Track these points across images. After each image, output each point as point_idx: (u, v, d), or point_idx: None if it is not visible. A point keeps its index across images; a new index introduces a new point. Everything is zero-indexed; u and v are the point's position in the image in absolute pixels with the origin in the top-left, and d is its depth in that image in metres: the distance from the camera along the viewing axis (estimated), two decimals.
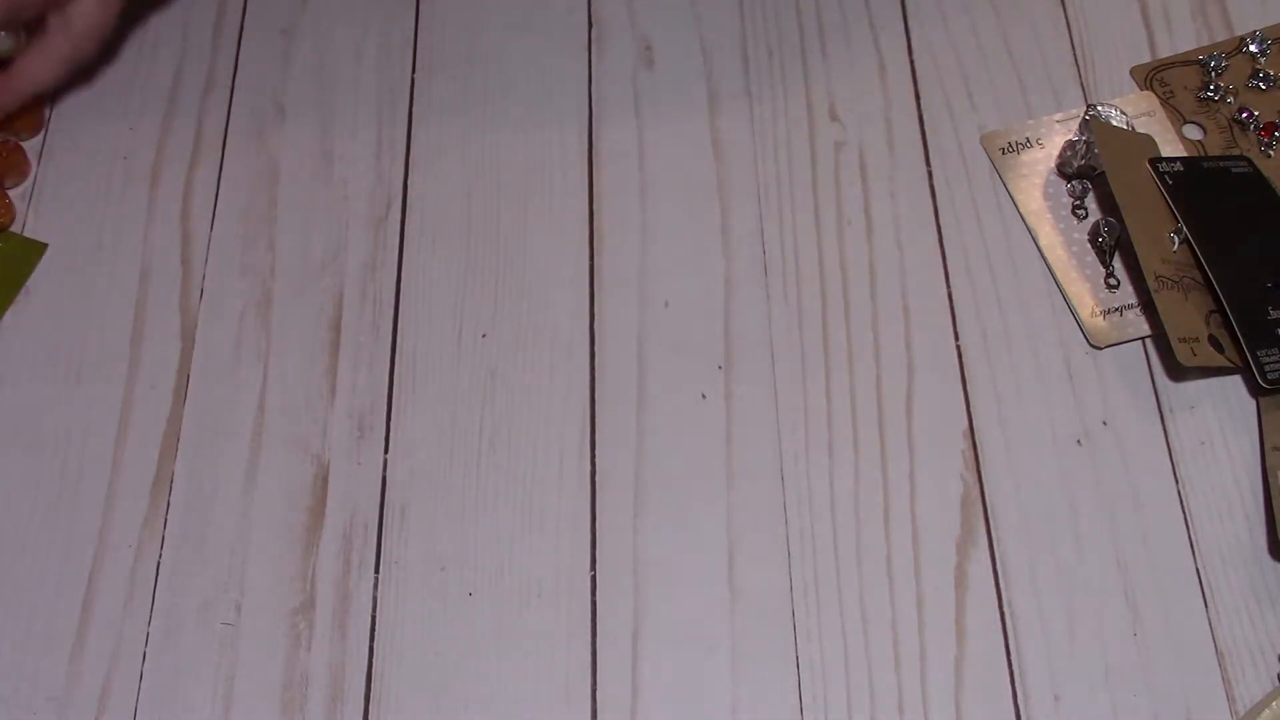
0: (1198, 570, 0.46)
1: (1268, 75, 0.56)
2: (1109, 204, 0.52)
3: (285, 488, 0.48)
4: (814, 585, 0.46)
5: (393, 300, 0.52)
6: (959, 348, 0.51)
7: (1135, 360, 0.50)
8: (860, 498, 0.48)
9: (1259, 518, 0.47)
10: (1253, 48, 0.56)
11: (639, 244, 0.53)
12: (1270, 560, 0.46)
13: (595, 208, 0.54)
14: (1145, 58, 0.57)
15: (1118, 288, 0.51)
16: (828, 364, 0.50)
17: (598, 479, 0.48)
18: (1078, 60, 0.57)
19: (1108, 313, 0.51)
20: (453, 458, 0.49)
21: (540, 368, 0.50)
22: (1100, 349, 0.50)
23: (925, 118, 0.56)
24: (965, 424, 0.49)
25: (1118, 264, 0.52)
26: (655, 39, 0.58)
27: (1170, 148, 0.54)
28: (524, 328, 0.51)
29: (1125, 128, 0.54)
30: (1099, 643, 0.45)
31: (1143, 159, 0.52)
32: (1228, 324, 0.49)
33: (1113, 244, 0.52)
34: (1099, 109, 0.54)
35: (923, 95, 0.56)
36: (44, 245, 0.53)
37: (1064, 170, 0.54)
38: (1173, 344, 0.48)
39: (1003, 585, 0.46)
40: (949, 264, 0.52)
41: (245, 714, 0.45)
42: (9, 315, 0.52)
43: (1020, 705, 0.44)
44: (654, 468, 0.48)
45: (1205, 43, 0.57)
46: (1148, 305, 0.51)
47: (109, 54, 0.58)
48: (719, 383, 0.50)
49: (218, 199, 0.55)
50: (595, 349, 0.51)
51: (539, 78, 0.57)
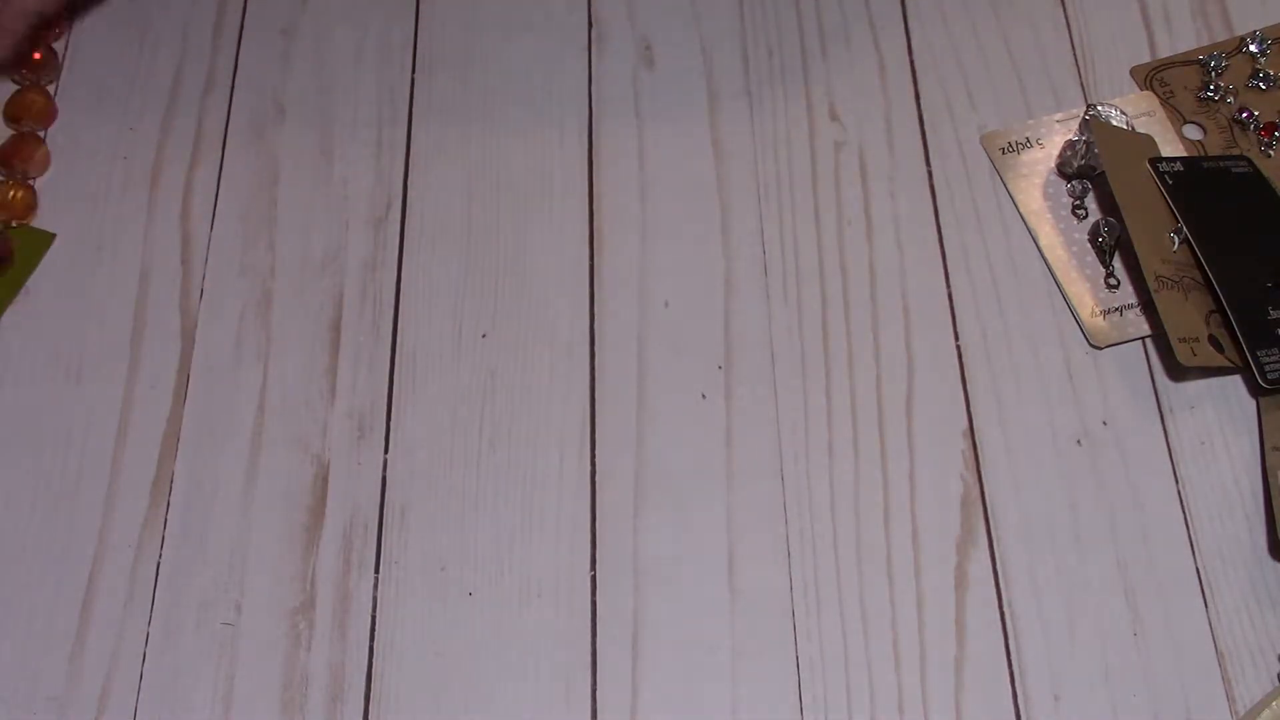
0: (1198, 570, 0.46)
1: (1268, 75, 0.56)
2: (1109, 204, 0.52)
3: (285, 488, 0.48)
4: (814, 585, 0.46)
5: (393, 300, 0.52)
6: (959, 348, 0.51)
7: (1135, 360, 0.50)
8: (860, 498, 0.48)
9: (1259, 518, 0.47)
10: (1253, 48, 0.56)
11: (639, 244, 0.53)
12: (1270, 560, 0.46)
13: (595, 208, 0.54)
14: (1145, 58, 0.57)
15: (1118, 288, 0.51)
16: (828, 364, 0.50)
17: (598, 479, 0.48)
18: (1078, 60, 0.57)
19: (1108, 313, 0.51)
20: (453, 458, 0.49)
21: (540, 368, 0.50)
22: (1100, 349, 0.50)
23: (925, 118, 0.56)
24: (965, 424, 0.49)
25: (1118, 264, 0.52)
26: (655, 39, 0.58)
27: (1170, 148, 0.54)
28: (524, 328, 0.51)
29: (1125, 128, 0.54)
30: (1099, 643, 0.45)
31: (1143, 159, 0.52)
32: (1228, 324, 0.49)
33: (1113, 244, 0.52)
34: (1099, 109, 0.54)
35: (923, 95, 0.56)
36: (52, 235, 0.53)
37: (1064, 170, 0.54)
38: (1173, 344, 0.48)
39: (1003, 585, 0.46)
40: (949, 264, 0.52)
41: (245, 714, 0.45)
42: (9, 315, 0.52)
43: (1020, 705, 0.44)
44: (654, 468, 0.48)
45: (1205, 43, 0.57)
46: (1148, 305, 0.51)
47: (110, 54, 0.58)
48: (719, 383, 0.50)
49: (218, 199, 0.55)
50: (595, 349, 0.51)
51: (539, 78, 0.57)
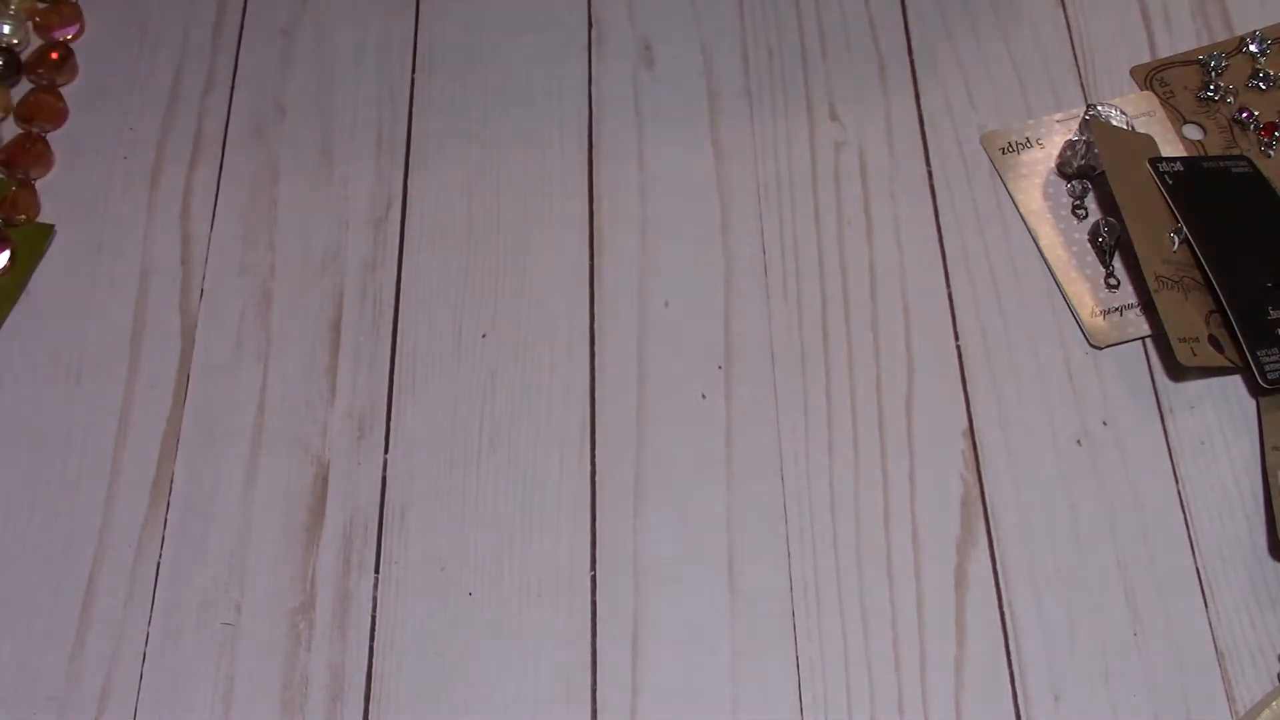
0: (1198, 570, 0.46)
1: (1268, 75, 0.56)
2: (1109, 204, 0.52)
3: (285, 488, 0.48)
4: (814, 585, 0.46)
5: (393, 300, 0.52)
6: (959, 348, 0.51)
7: (1135, 360, 0.50)
8: (860, 498, 0.48)
9: (1259, 518, 0.47)
10: (1253, 48, 0.56)
11: (639, 244, 0.53)
12: (1270, 560, 0.46)
13: (595, 208, 0.54)
14: (1145, 58, 0.57)
15: (1118, 288, 0.51)
16: (828, 364, 0.50)
17: (598, 479, 0.48)
18: (1078, 60, 0.57)
19: (1108, 313, 0.51)
20: (453, 458, 0.49)
21: (540, 368, 0.50)
22: (1100, 349, 0.50)
23: (925, 118, 0.56)
24: (965, 424, 0.49)
25: (1118, 264, 0.52)
26: (655, 39, 0.58)
27: (1170, 148, 0.54)
28: (524, 328, 0.51)
29: (1125, 128, 0.54)
30: (1099, 643, 0.45)
31: (1143, 159, 0.52)
32: (1228, 324, 0.49)
33: (1113, 244, 0.52)
34: (1099, 109, 0.54)
35: (923, 95, 0.56)
36: (51, 226, 0.53)
37: (1064, 170, 0.54)
38: (1173, 344, 0.48)
39: (1003, 585, 0.46)
40: (949, 264, 0.52)
41: (245, 714, 0.45)
42: (9, 315, 0.52)
43: (1020, 705, 0.44)
44: (654, 468, 0.48)
45: (1205, 43, 0.57)
46: (1148, 305, 0.50)
47: (110, 53, 0.58)
48: (719, 383, 0.50)
49: (218, 199, 0.55)
50: (595, 349, 0.51)
51: (539, 78, 0.57)
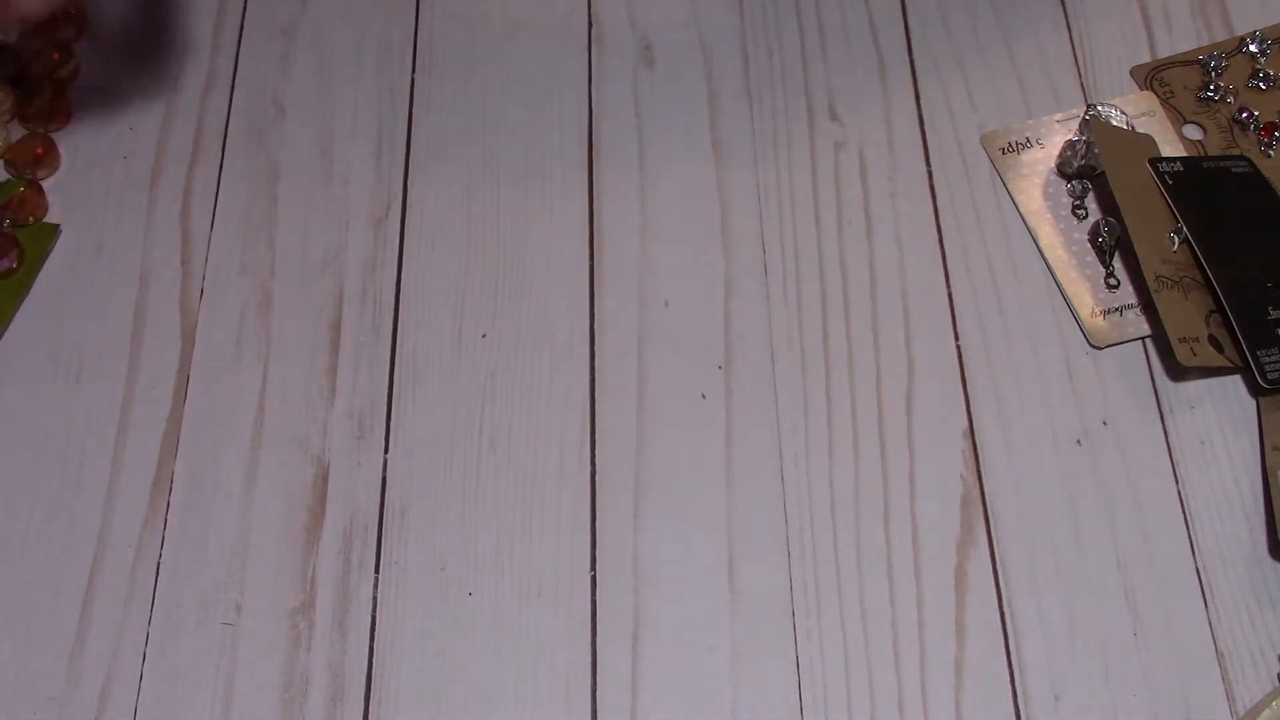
0: (1198, 570, 0.46)
1: (1268, 75, 0.56)
2: (1109, 204, 0.52)
3: (285, 488, 0.48)
4: (814, 585, 0.46)
5: (393, 300, 0.52)
6: (959, 348, 0.51)
7: (1135, 360, 0.50)
8: (860, 498, 0.48)
9: (1259, 518, 0.47)
10: (1253, 48, 0.56)
11: (639, 244, 0.53)
12: (1270, 560, 0.46)
13: (595, 208, 0.54)
14: (1145, 58, 0.57)
15: (1118, 288, 0.51)
16: (828, 364, 0.50)
17: (598, 479, 0.48)
18: (1078, 60, 0.57)
19: (1108, 313, 0.51)
20: (453, 458, 0.49)
21: (540, 368, 0.50)
22: (1100, 349, 0.50)
23: (925, 118, 0.56)
24: (965, 424, 0.49)
25: (1118, 264, 0.52)
26: (655, 39, 0.58)
27: (1170, 148, 0.54)
28: (524, 328, 0.51)
29: (1125, 128, 0.54)
30: (1099, 643, 0.45)
31: (1143, 159, 0.52)
32: (1228, 324, 0.49)
33: (1113, 244, 0.52)
34: (1099, 109, 0.54)
35: (923, 95, 0.56)
36: (56, 226, 0.53)
37: (1064, 170, 0.54)
38: (1173, 344, 0.48)
39: (1003, 585, 0.46)
40: (949, 264, 0.52)
41: (245, 714, 0.45)
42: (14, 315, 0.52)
43: (1020, 705, 0.44)
44: (654, 468, 0.48)
45: (1205, 43, 0.57)
46: (1148, 305, 0.50)
47: (109, 54, 0.58)
48: (719, 383, 0.50)
49: (218, 199, 0.54)
50: (595, 349, 0.51)
51: (539, 78, 0.57)
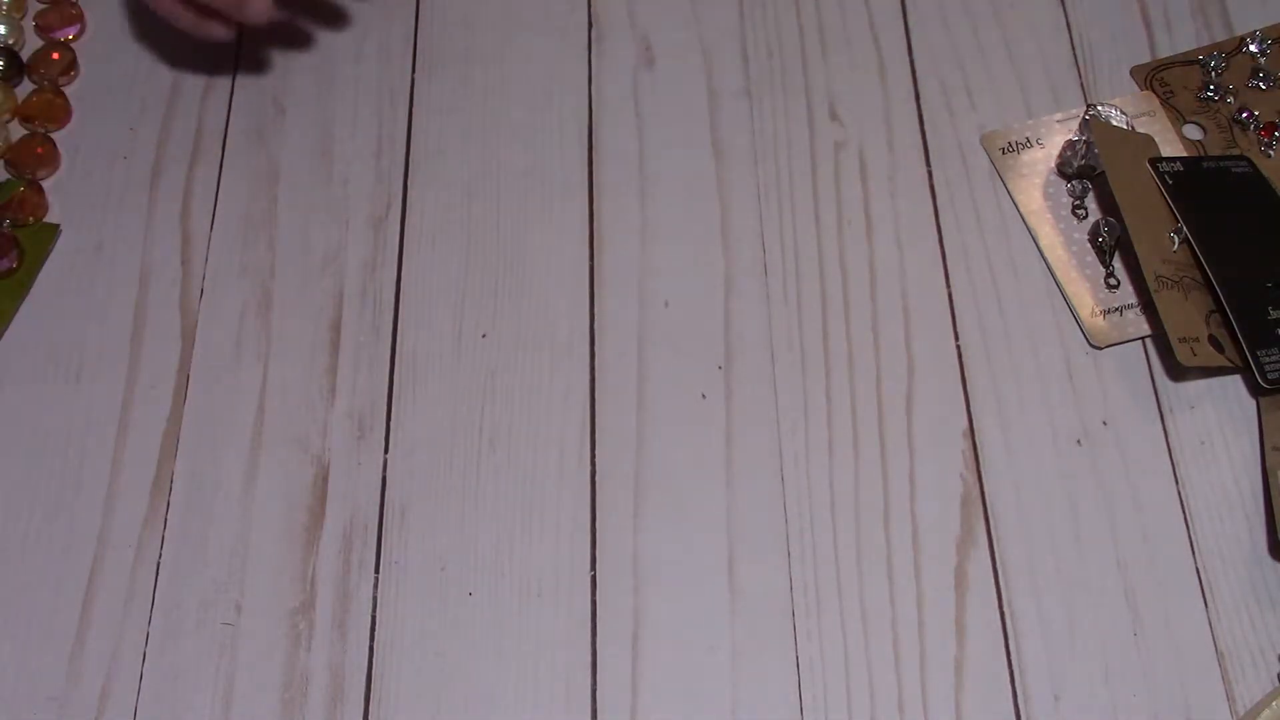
0: (1198, 570, 0.46)
1: (1268, 75, 0.56)
2: (1109, 204, 0.52)
3: (285, 488, 0.48)
4: (814, 585, 0.46)
5: (393, 300, 0.52)
6: (959, 348, 0.51)
7: (1135, 360, 0.50)
8: (860, 498, 0.48)
9: (1259, 518, 0.47)
10: (1253, 48, 0.56)
11: (639, 244, 0.53)
12: (1270, 560, 0.46)
13: (595, 208, 0.54)
14: (1145, 58, 0.57)
15: (1118, 288, 0.51)
16: (828, 364, 0.50)
17: (598, 479, 0.48)
18: (1078, 60, 0.57)
19: (1108, 313, 0.51)
20: (453, 458, 0.49)
21: (540, 368, 0.50)
22: (1100, 349, 0.50)
23: (925, 118, 0.56)
24: (965, 424, 0.49)
25: (1118, 264, 0.52)
26: (655, 39, 0.58)
27: (1170, 148, 0.54)
28: (524, 328, 0.51)
29: (1125, 128, 0.54)
30: (1099, 643, 0.45)
31: (1143, 159, 0.52)
32: (1228, 324, 0.49)
33: (1113, 244, 0.52)
34: (1099, 109, 0.54)
35: (923, 95, 0.56)
36: (56, 226, 0.53)
37: (1064, 170, 0.54)
38: (1173, 344, 0.48)
39: (1003, 585, 0.46)
40: (949, 264, 0.52)
41: (245, 714, 0.45)
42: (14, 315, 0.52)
43: (1020, 705, 0.44)
44: (654, 468, 0.48)
45: (1205, 43, 0.57)
46: (1148, 305, 0.50)
47: (110, 54, 0.58)
48: (719, 383, 0.50)
49: (218, 199, 0.55)
50: (595, 349, 0.51)
51: (539, 78, 0.57)
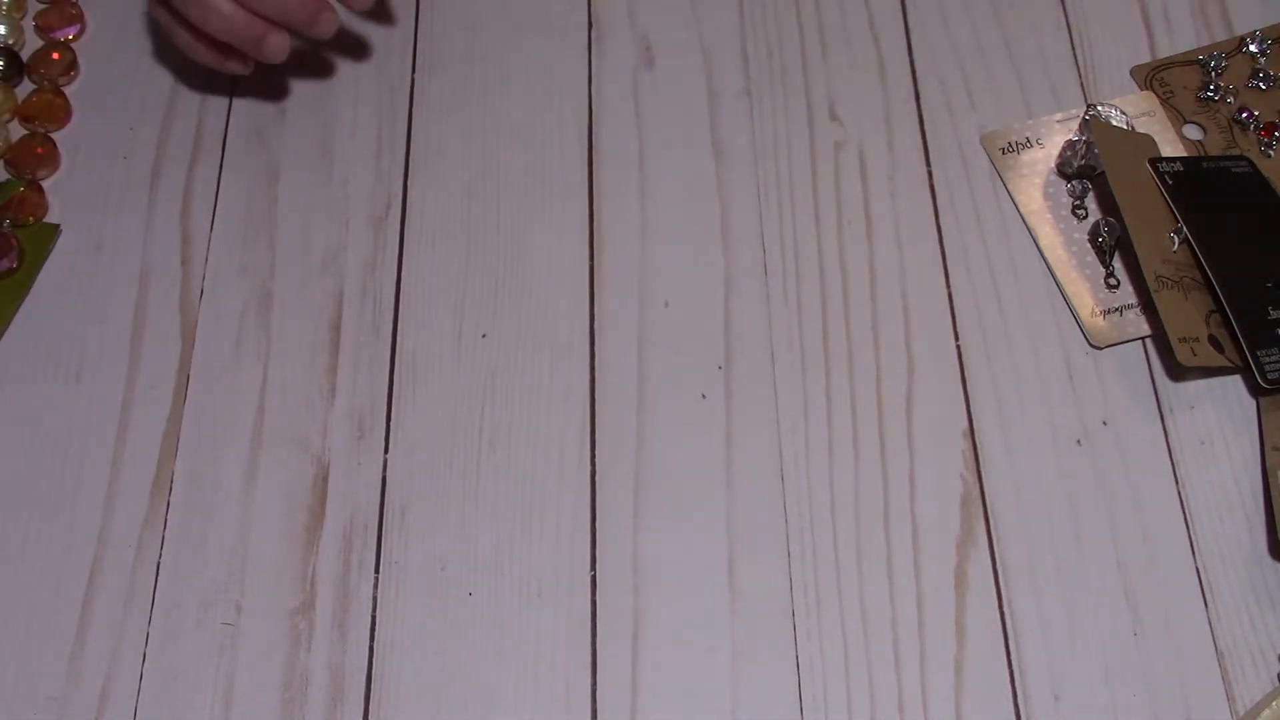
0: (1198, 570, 0.46)
1: (1268, 75, 0.56)
2: (1109, 204, 0.52)
3: (285, 488, 0.48)
4: (814, 585, 0.46)
5: (393, 300, 0.52)
6: (959, 348, 0.51)
7: (1135, 360, 0.50)
8: (860, 498, 0.48)
9: (1259, 518, 0.47)
10: (1253, 48, 0.56)
11: (639, 244, 0.53)
12: (1270, 560, 0.46)
13: (595, 208, 0.54)
14: (1145, 58, 0.57)
15: (1118, 288, 0.51)
16: (828, 364, 0.50)
17: (598, 479, 0.48)
18: (1078, 60, 0.57)
19: (1108, 313, 0.51)
20: (453, 458, 0.49)
21: (540, 368, 0.50)
22: (1100, 349, 0.50)
23: (925, 118, 0.56)
24: (965, 424, 0.49)
25: (1118, 264, 0.52)
26: (655, 39, 0.58)
27: (1170, 148, 0.54)
28: (524, 328, 0.51)
29: (1125, 128, 0.54)
30: (1099, 643, 0.45)
31: (1143, 159, 0.52)
32: (1228, 324, 0.49)
33: (1113, 244, 0.52)
34: (1099, 109, 0.54)
35: (923, 95, 0.56)
36: (56, 226, 0.53)
37: (1064, 170, 0.54)
38: (1173, 344, 0.48)
39: (1003, 585, 0.46)
40: (949, 264, 0.52)
41: (245, 714, 0.45)
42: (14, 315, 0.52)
43: (1020, 705, 0.44)
44: (654, 468, 0.48)
45: (1205, 43, 0.57)
46: (1148, 305, 0.50)
47: (110, 53, 0.58)
48: (719, 383, 0.50)
49: (218, 199, 0.55)
50: (595, 349, 0.51)
51: (539, 78, 0.57)
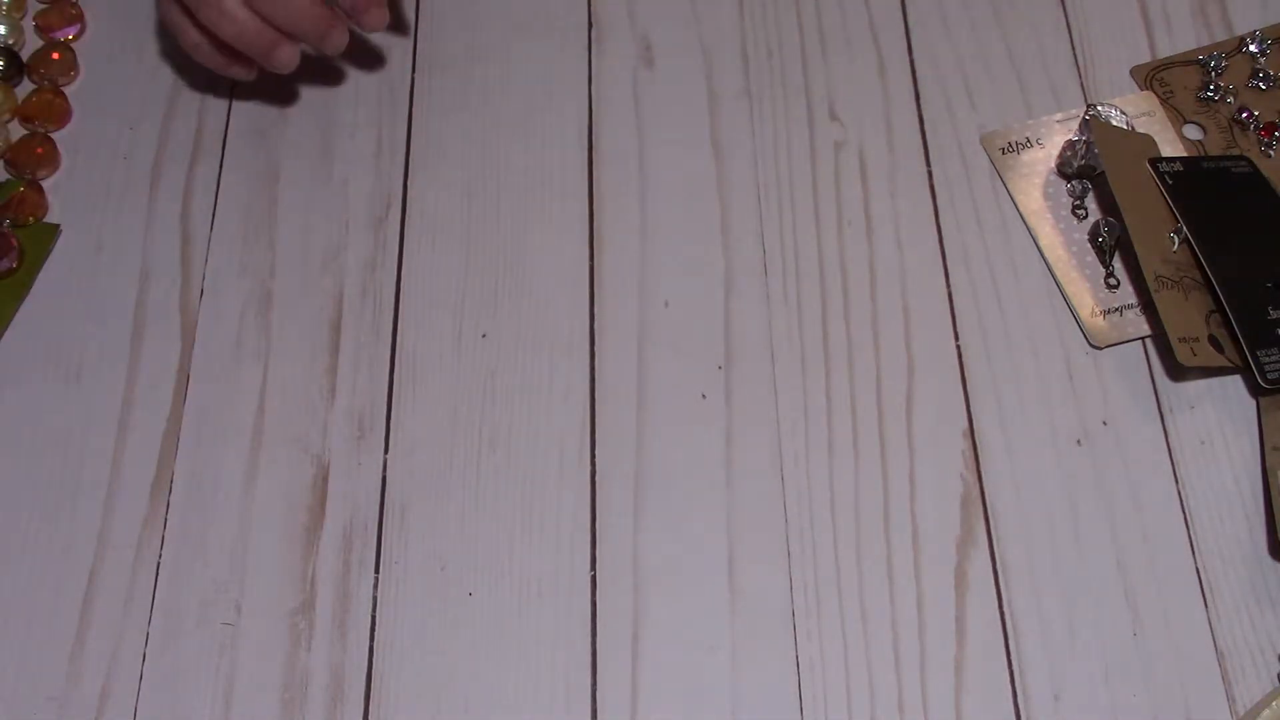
0: (1198, 570, 0.46)
1: (1268, 75, 0.56)
2: (1109, 204, 0.52)
3: (285, 488, 0.48)
4: (814, 585, 0.46)
5: (393, 300, 0.52)
6: (959, 348, 0.51)
7: (1135, 360, 0.50)
8: (860, 497, 0.48)
9: (1259, 518, 0.47)
10: (1253, 48, 0.56)
11: (639, 244, 0.53)
12: (1270, 560, 0.46)
13: (595, 208, 0.54)
14: (1145, 58, 0.57)
15: (1118, 288, 0.51)
16: (828, 364, 0.50)
17: (598, 479, 0.48)
18: (1078, 60, 0.57)
19: (1108, 313, 0.51)
20: (453, 458, 0.49)
21: (540, 368, 0.50)
22: (1100, 349, 0.50)
23: (925, 118, 0.56)
24: (965, 424, 0.49)
25: (1118, 264, 0.52)
26: (655, 39, 0.58)
27: (1170, 148, 0.54)
28: (524, 328, 0.51)
29: (1125, 128, 0.54)
30: (1099, 643, 0.45)
31: (1143, 159, 0.52)
32: (1228, 324, 0.49)
33: (1113, 244, 0.52)
34: (1099, 109, 0.54)
35: (923, 95, 0.56)
36: (56, 226, 0.53)
37: (1064, 170, 0.54)
38: (1173, 344, 0.48)
39: (1003, 585, 0.46)
40: (949, 264, 0.52)
41: (245, 714, 0.45)
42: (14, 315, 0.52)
43: (1020, 705, 0.44)
44: (654, 468, 0.48)
45: (1205, 43, 0.57)
46: (1148, 305, 0.50)
47: (110, 53, 0.58)
48: (719, 383, 0.50)
49: (218, 199, 0.54)
50: (595, 349, 0.51)
51: (539, 77, 0.57)
